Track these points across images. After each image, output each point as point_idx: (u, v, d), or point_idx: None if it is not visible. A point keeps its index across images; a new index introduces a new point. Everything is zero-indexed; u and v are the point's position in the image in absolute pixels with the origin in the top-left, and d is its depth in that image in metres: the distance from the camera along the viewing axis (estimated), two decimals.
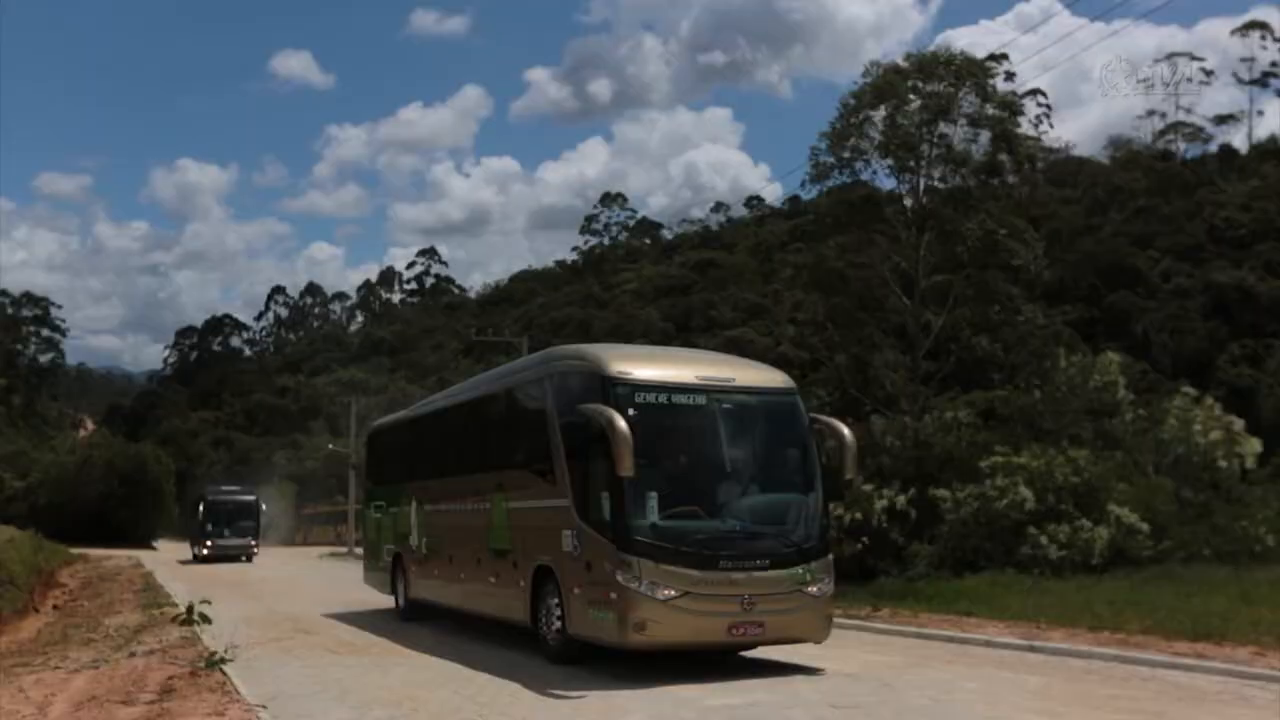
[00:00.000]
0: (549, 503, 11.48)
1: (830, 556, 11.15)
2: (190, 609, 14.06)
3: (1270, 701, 9.50)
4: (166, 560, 42.80)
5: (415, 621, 16.14)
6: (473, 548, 13.80)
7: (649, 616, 10.02)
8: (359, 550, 55.20)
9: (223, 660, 10.94)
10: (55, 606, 21.89)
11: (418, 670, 11.44)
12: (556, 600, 11.20)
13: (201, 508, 44.57)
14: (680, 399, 10.79)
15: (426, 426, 17.23)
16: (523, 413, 12.93)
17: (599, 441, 10.23)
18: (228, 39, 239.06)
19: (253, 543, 44.46)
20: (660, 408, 10.63)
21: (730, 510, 10.83)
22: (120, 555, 44.41)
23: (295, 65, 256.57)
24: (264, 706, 8.92)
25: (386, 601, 18.05)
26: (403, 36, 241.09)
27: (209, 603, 14.17)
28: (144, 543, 61.89)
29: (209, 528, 43.62)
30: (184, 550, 49.09)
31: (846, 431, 11.61)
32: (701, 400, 10.88)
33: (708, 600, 10.17)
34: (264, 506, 48.38)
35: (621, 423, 9.94)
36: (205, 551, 42.93)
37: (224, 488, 50.98)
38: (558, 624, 11.22)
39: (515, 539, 12.54)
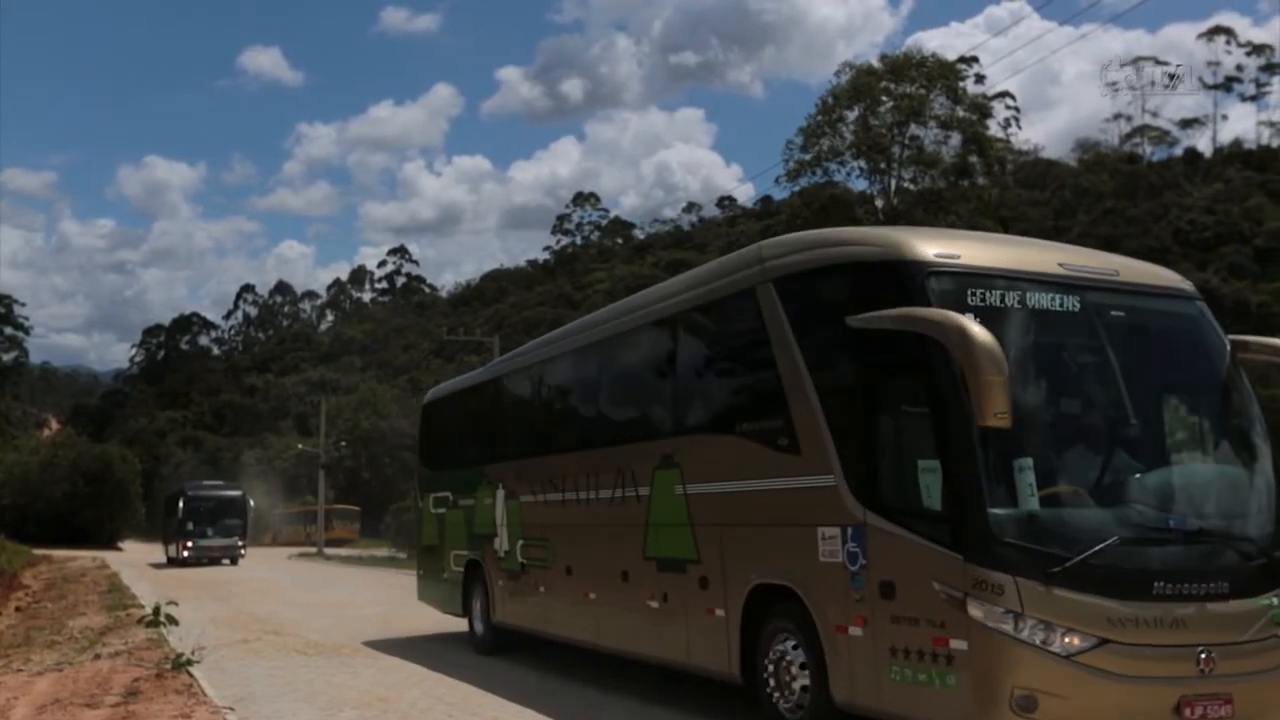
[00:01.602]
0: (783, 482, 7.28)
1: None
2: (156, 610, 13.91)
3: None
4: (133, 562, 42.34)
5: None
6: (613, 555, 9.47)
7: (1041, 684, 5.74)
8: (329, 551, 55.35)
9: (189, 661, 10.81)
10: (18, 608, 21.56)
11: (387, 671, 11.36)
12: (796, 644, 7.18)
13: (181, 505, 40.44)
14: (1042, 300, 6.41)
15: (524, 386, 12.47)
16: (718, 343, 8.57)
17: (910, 374, 6.33)
18: (196, 35, 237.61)
19: (239, 543, 40.47)
20: (1012, 315, 6.27)
21: (1147, 491, 6.42)
22: (85, 556, 43.94)
23: (265, 62, 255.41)
24: (231, 709, 8.82)
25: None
26: (373, 34, 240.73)
27: (176, 604, 14.03)
28: (110, 544, 61.39)
29: (189, 527, 39.65)
30: (154, 552, 48.27)
31: None
32: (1075, 304, 6.50)
33: (1140, 655, 5.89)
34: (251, 503, 44.50)
35: (983, 332, 5.70)
36: (185, 554, 39.13)
37: (205, 483, 47.66)
38: (801, 685, 7.13)
39: (705, 543, 8.12)
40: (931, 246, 6.56)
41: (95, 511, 63.23)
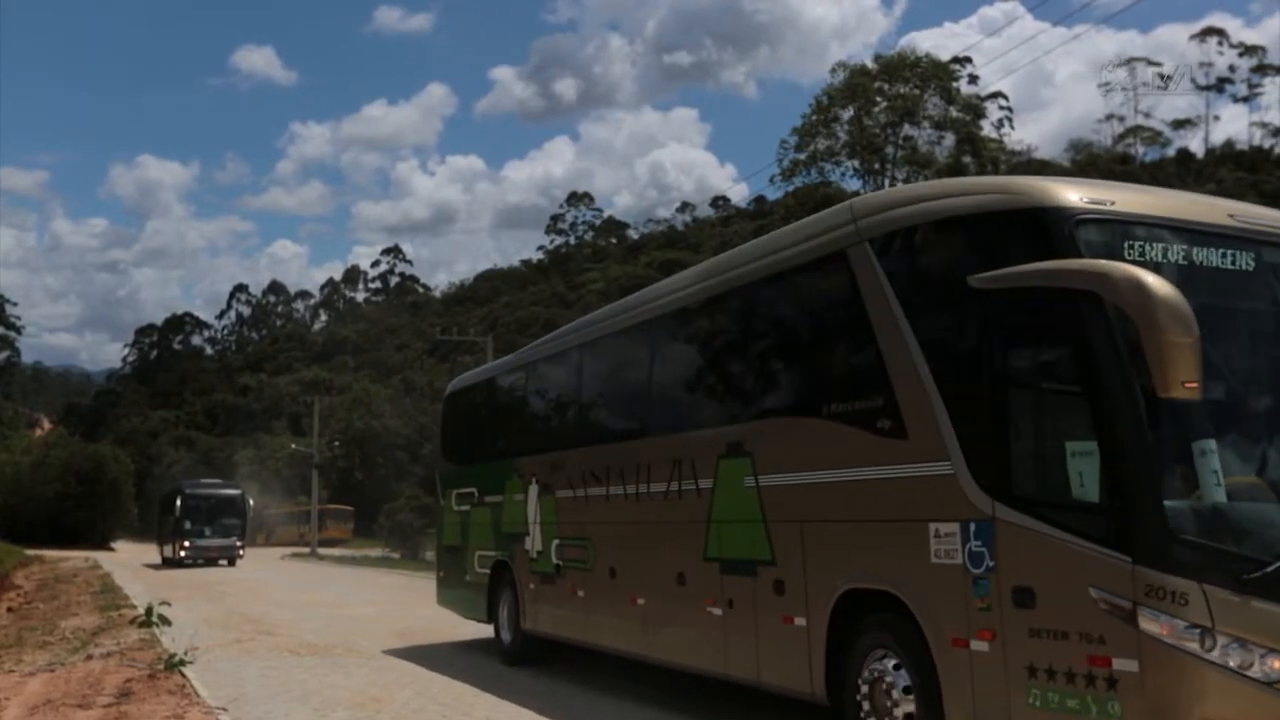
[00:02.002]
0: (883, 471, 6.18)
1: None
2: (149, 610, 13.88)
3: None
4: (126, 562, 42.22)
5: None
6: (667, 556, 8.45)
7: (1235, 717, 4.81)
8: (323, 551, 55.27)
9: (182, 662, 10.79)
10: (10, 609, 21.48)
11: (380, 671, 11.34)
12: (898, 664, 6.10)
13: (178, 504, 39.23)
14: (1212, 256, 5.43)
15: (562, 372, 11.29)
16: (799, 316, 7.46)
17: (1057, 340, 5.36)
18: (189, 34, 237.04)
19: (238, 543, 39.43)
20: (1178, 273, 5.23)
21: None
22: (77, 556, 43.85)
23: (258, 61, 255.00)
24: (224, 709, 8.80)
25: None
26: (367, 33, 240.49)
27: (168, 604, 14.00)
28: (102, 544, 61.22)
29: (186, 526, 38.47)
30: (146, 552, 48.10)
31: None
32: (1250, 261, 5.51)
33: None
34: (250, 502, 43.32)
35: (1166, 284, 4.80)
36: (183, 554, 38.05)
37: (203, 481, 46.62)
38: (905, 712, 6.05)
39: (781, 542, 7.10)
40: (1077, 192, 5.56)
41: (87, 512, 63.04)
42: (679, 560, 8.26)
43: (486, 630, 12.67)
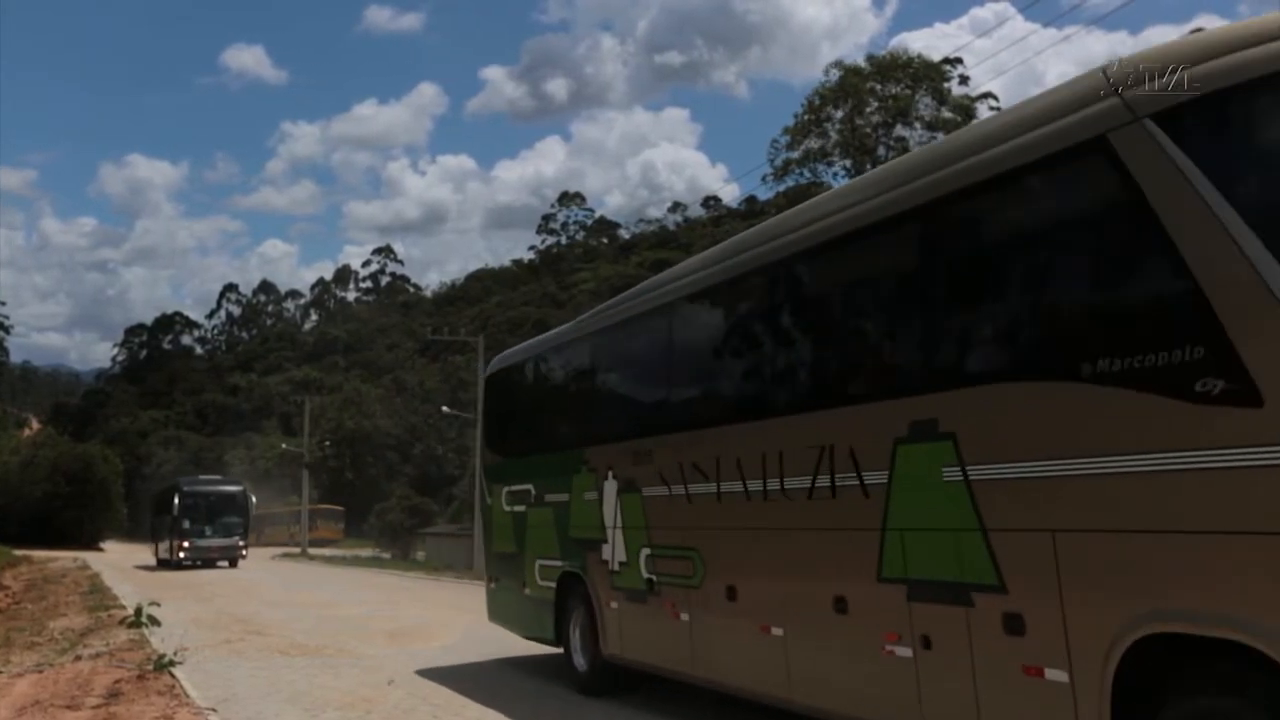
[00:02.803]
0: (1214, 457, 4.15)
1: None
2: (138, 611, 13.81)
3: None
4: (117, 563, 42.03)
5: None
6: (817, 574, 6.47)
7: None
8: (313, 551, 55.10)
9: (172, 663, 10.74)
10: None
11: (370, 672, 11.30)
12: None
13: (176, 502, 36.89)
14: None
15: (649, 337, 9.03)
16: (1032, 236, 5.38)
17: None
18: (179, 32, 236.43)
19: (239, 543, 37.23)
20: None
21: None
22: (66, 557, 43.65)
23: (248, 60, 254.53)
24: (214, 710, 8.76)
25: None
26: (357, 32, 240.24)
27: (158, 604, 13.93)
28: (91, 545, 60.96)
29: (185, 525, 36.14)
30: (136, 553, 47.85)
31: None
32: None
33: None
34: (253, 500, 40.65)
35: None
36: (182, 555, 35.77)
37: (202, 477, 44.57)
38: None
39: (1014, 560, 5.08)
40: None
41: (76, 512, 62.83)
42: (837, 580, 6.22)
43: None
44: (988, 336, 5.55)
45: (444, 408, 56.65)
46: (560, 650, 10.29)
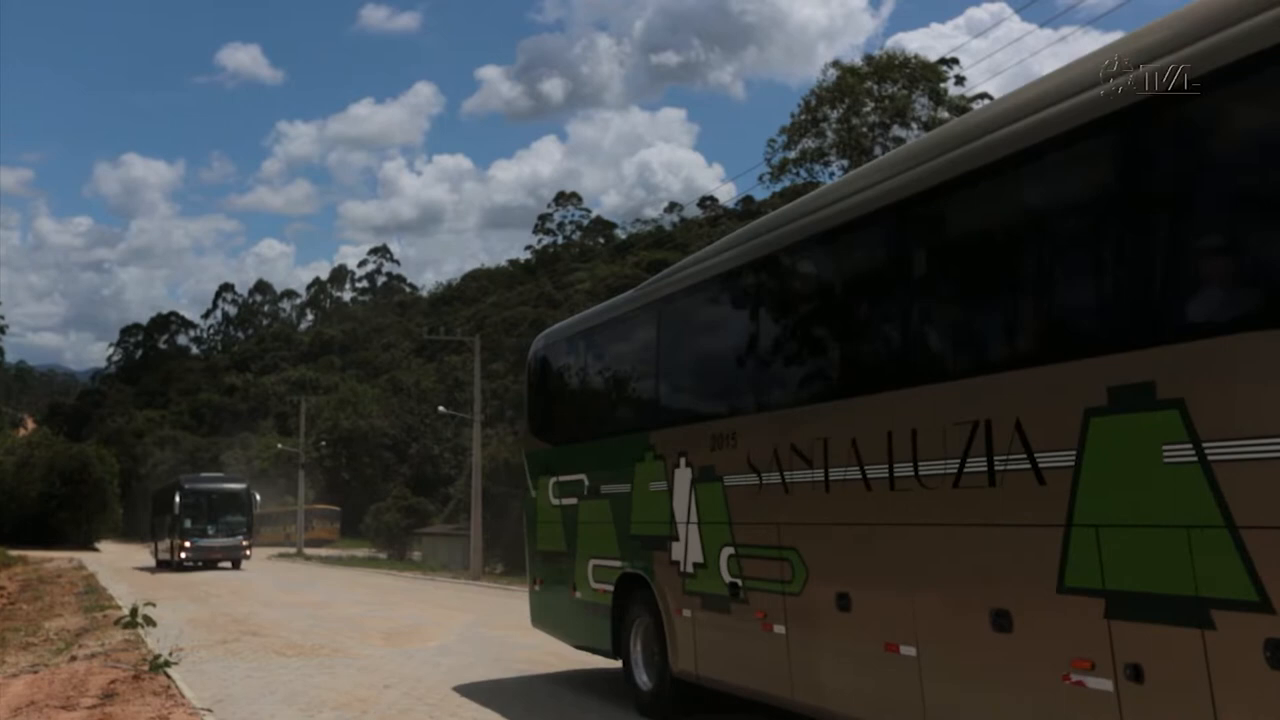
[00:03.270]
0: None
1: None
2: (134, 611, 13.79)
3: None
4: (112, 564, 41.94)
5: None
6: (965, 581, 5.26)
7: None
8: (309, 551, 55.05)
9: (167, 663, 10.72)
10: None
11: (366, 672, 11.28)
12: None
13: (177, 500, 35.35)
14: None
15: (730, 300, 7.86)
16: None
17: None
18: (175, 31, 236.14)
19: (243, 543, 35.77)
20: None
21: None
22: (61, 557, 43.60)
23: (244, 59, 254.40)
24: (209, 710, 8.75)
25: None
26: (353, 31, 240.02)
27: (153, 605, 13.91)
28: (87, 545, 60.86)
29: (187, 525, 34.70)
30: (132, 553, 47.78)
31: None
32: None
33: None
34: (257, 497, 38.85)
35: None
36: (184, 555, 34.45)
37: (204, 475, 43.28)
38: None
39: None
40: None
41: (72, 512, 62.73)
42: (995, 589, 4.99)
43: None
44: (1224, 278, 4.17)
45: (440, 408, 56.64)
46: (619, 664, 9.00)
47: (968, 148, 5.35)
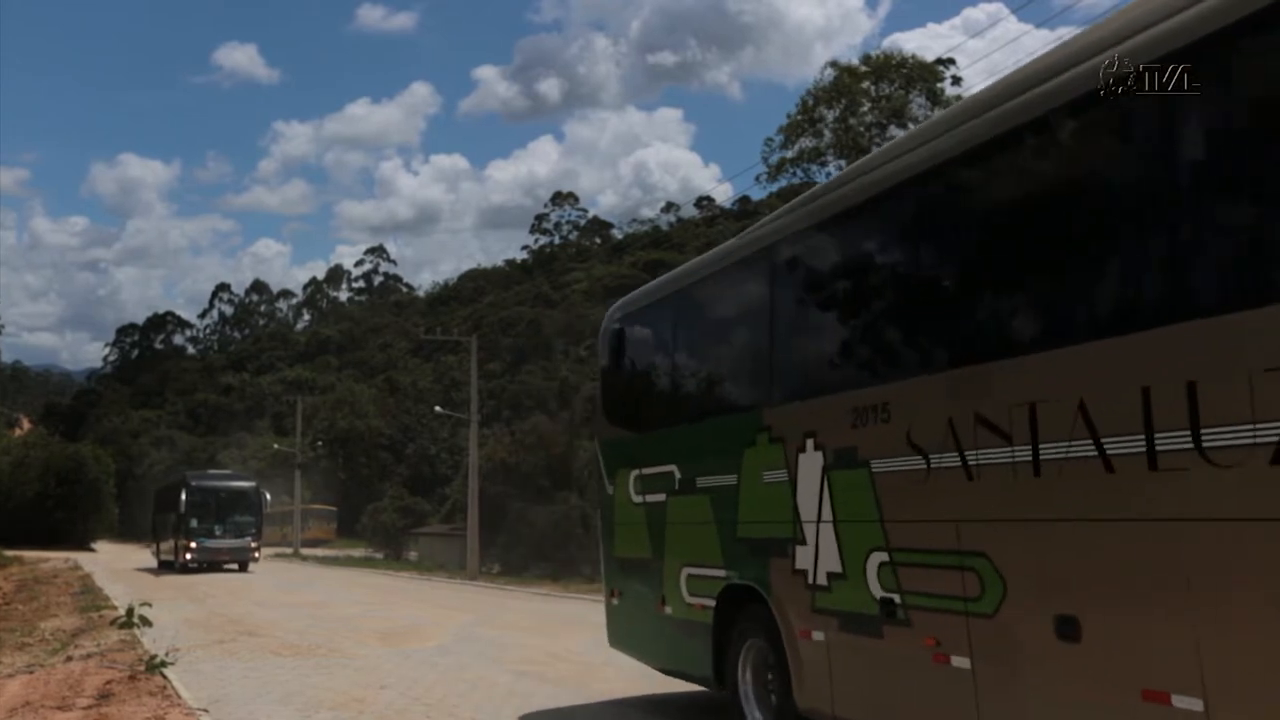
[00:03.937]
0: None
1: None
2: (130, 611, 13.74)
3: None
4: (109, 564, 41.87)
5: None
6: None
7: None
8: (306, 551, 54.97)
9: (163, 663, 10.69)
10: None
11: (363, 672, 11.26)
12: None
13: (183, 498, 33.22)
14: None
15: (871, 231, 6.10)
16: None
17: None
18: (171, 30, 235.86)
19: (252, 545, 33.95)
20: None
21: None
22: (57, 557, 43.52)
23: (240, 59, 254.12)
24: (206, 710, 8.72)
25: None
26: (350, 31, 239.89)
27: (149, 605, 13.88)
28: (83, 545, 60.78)
29: (193, 524, 32.78)
30: (129, 553, 47.70)
31: None
32: None
33: None
34: (267, 496, 37.15)
35: None
36: (188, 557, 32.56)
37: (211, 471, 42.14)
38: None
39: None
40: None
41: (68, 512, 62.66)
42: None
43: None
44: None
45: (437, 408, 56.60)
46: (724, 691, 7.35)
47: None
